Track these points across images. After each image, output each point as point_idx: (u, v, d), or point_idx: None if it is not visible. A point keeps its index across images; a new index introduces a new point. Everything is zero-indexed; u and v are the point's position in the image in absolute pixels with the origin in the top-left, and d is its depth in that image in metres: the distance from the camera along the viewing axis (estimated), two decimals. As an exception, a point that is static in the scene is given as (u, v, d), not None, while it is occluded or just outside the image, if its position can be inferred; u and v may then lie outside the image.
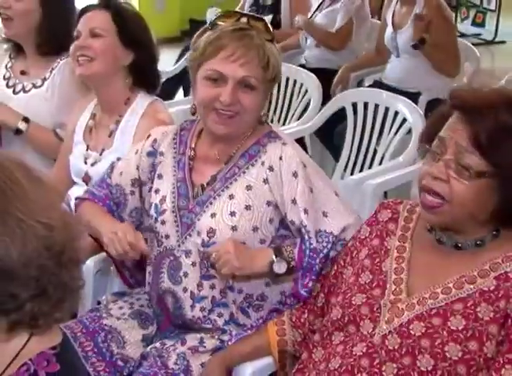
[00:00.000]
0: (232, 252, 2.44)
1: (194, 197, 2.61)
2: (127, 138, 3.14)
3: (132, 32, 3.14)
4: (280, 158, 2.53)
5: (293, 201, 2.51)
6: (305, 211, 2.49)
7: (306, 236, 2.48)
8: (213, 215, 2.55)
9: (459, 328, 1.99)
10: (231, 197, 2.55)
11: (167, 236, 2.62)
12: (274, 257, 2.48)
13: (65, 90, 3.58)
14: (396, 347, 2.04)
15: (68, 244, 1.48)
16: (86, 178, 3.24)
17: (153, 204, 2.67)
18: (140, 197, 2.75)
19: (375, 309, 2.12)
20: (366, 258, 2.25)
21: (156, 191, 2.68)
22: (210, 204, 2.57)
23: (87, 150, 3.26)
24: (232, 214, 2.53)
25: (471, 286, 2.03)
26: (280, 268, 2.48)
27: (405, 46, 5.27)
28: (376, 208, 2.35)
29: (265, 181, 2.54)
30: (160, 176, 2.69)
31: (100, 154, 3.21)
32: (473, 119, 1.97)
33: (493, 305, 1.98)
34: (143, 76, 3.20)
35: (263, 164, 2.55)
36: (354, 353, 2.10)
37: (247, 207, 2.53)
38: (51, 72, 3.62)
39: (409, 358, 2.02)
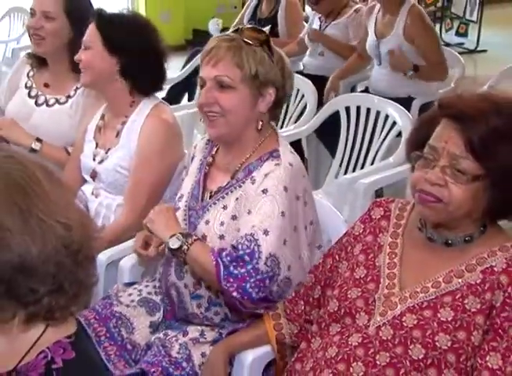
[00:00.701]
0: (156, 208, 2.56)
1: (202, 201, 2.60)
2: (133, 136, 3.13)
3: (116, 38, 3.09)
4: (265, 175, 2.45)
5: (249, 212, 2.43)
6: (265, 232, 2.36)
7: (256, 255, 2.34)
8: (207, 222, 2.54)
9: (449, 319, 1.98)
10: (224, 207, 2.52)
11: None
12: (178, 233, 2.45)
13: (87, 108, 3.52)
14: (389, 337, 2.03)
15: (85, 243, 1.48)
16: (93, 174, 3.24)
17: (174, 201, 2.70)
18: None
19: (370, 302, 2.11)
20: (361, 253, 2.23)
21: (180, 189, 2.71)
22: (207, 210, 2.56)
23: (96, 147, 3.25)
24: (222, 223, 2.50)
25: (459, 280, 2.02)
26: (173, 244, 2.44)
27: (387, 55, 5.19)
28: (370, 206, 2.33)
29: (247, 193, 2.48)
30: (186, 176, 2.72)
31: (106, 152, 3.20)
32: (465, 126, 1.95)
33: (480, 297, 1.98)
34: (135, 80, 3.15)
35: (252, 178, 2.49)
36: (350, 343, 2.09)
37: (233, 217, 2.49)
38: (75, 91, 3.59)
39: (401, 348, 2.01)
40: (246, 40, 2.45)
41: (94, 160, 3.23)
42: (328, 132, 4.67)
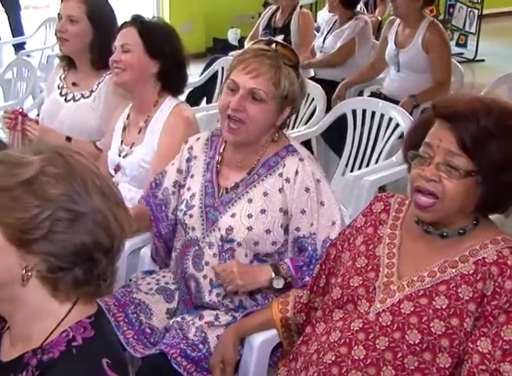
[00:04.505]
0: (236, 272, 2.44)
1: (219, 197, 2.58)
2: (156, 133, 3.14)
3: (157, 44, 3.11)
4: (296, 172, 2.49)
5: (303, 212, 2.48)
6: (311, 225, 2.48)
7: (313, 247, 2.48)
8: (233, 215, 2.53)
9: (443, 307, 1.96)
10: (249, 200, 2.52)
11: (193, 229, 2.61)
12: (273, 274, 2.46)
13: (108, 101, 3.58)
14: (388, 323, 2.01)
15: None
16: (117, 168, 3.25)
17: (185, 200, 2.67)
18: (179, 197, 2.74)
19: (370, 290, 2.09)
20: (362, 244, 2.20)
21: (188, 188, 2.68)
22: (232, 205, 2.55)
23: (121, 144, 3.25)
24: (249, 216, 2.51)
25: (453, 270, 2.00)
26: (278, 284, 2.47)
27: (405, 63, 5.25)
28: (371, 201, 2.31)
29: (281, 190, 2.50)
30: (192, 176, 2.69)
31: (130, 148, 3.20)
32: (457, 125, 1.93)
33: (472, 286, 1.95)
34: (169, 81, 3.18)
35: (281, 175, 2.51)
36: (351, 328, 2.07)
37: (262, 211, 2.50)
38: (98, 85, 3.64)
39: (399, 333, 1.99)
40: (284, 61, 2.46)
41: (119, 155, 3.23)
42: (333, 135, 4.66)
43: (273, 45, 2.50)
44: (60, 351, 1.47)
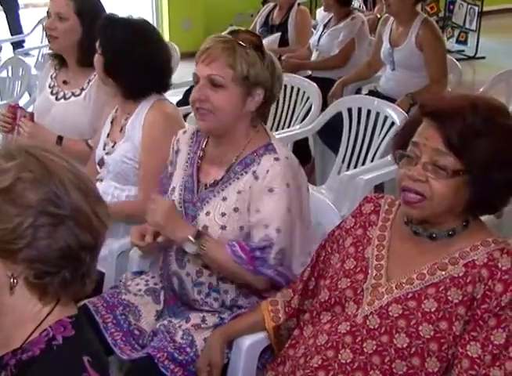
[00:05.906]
0: (161, 211, 2.40)
1: (198, 193, 2.54)
2: (137, 128, 3.09)
3: (117, 57, 3.07)
4: (267, 171, 2.40)
5: (257, 211, 2.39)
6: (278, 230, 2.37)
7: (268, 249, 2.37)
8: (207, 213, 2.48)
9: (432, 310, 1.92)
10: (224, 199, 2.47)
11: None
12: (191, 237, 2.37)
13: (98, 99, 3.56)
14: (376, 326, 1.98)
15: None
16: (101, 163, 3.22)
17: (167, 194, 2.62)
18: None
19: (358, 292, 2.05)
20: (351, 246, 2.16)
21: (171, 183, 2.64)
22: (207, 202, 2.49)
23: (107, 137, 3.23)
24: (223, 214, 2.45)
25: (443, 272, 1.96)
26: (190, 248, 2.39)
27: (400, 61, 5.18)
28: (361, 202, 2.27)
29: (250, 188, 2.43)
30: (174, 170, 2.65)
31: (113, 146, 3.17)
32: (443, 124, 1.89)
33: (462, 289, 1.92)
34: (143, 84, 3.12)
35: (254, 172, 2.44)
36: (339, 331, 2.03)
37: (235, 210, 2.44)
38: (88, 83, 3.62)
39: (387, 336, 1.95)
40: (240, 42, 2.39)
41: (104, 149, 3.21)
42: (330, 133, 4.64)
43: (235, 33, 2.43)
44: (40, 349, 1.46)
